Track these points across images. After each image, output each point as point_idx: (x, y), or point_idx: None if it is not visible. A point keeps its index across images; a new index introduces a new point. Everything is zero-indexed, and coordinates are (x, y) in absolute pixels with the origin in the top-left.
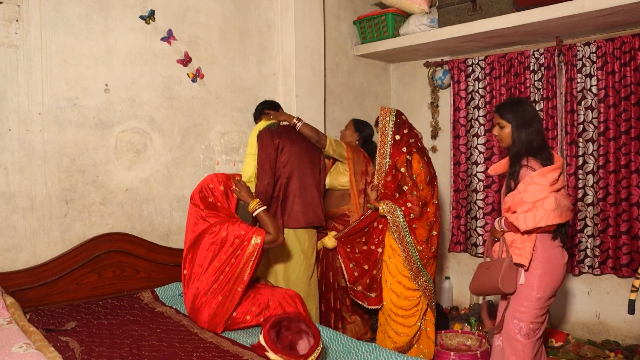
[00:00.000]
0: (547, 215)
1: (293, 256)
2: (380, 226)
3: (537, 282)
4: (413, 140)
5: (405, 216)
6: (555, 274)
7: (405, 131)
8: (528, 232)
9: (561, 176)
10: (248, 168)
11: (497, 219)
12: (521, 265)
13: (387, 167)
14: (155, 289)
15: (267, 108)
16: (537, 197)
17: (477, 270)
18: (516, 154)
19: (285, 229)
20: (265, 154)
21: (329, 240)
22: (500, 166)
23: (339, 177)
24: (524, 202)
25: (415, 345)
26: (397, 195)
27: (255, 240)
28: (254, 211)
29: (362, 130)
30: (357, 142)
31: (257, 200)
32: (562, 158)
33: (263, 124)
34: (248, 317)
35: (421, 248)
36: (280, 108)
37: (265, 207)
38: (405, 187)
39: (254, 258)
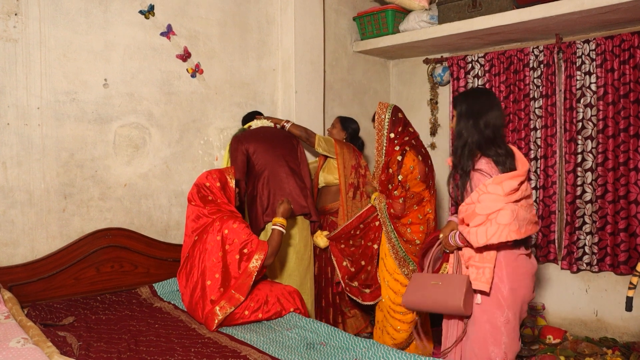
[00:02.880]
0: (501, 231)
1: (281, 250)
2: (377, 223)
3: (502, 302)
4: (407, 138)
5: (387, 208)
6: (523, 289)
7: (399, 129)
8: (482, 248)
9: (524, 185)
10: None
11: (452, 233)
12: (481, 292)
13: (383, 164)
14: (154, 285)
15: (255, 114)
16: (491, 209)
17: (421, 283)
18: (461, 148)
19: (270, 224)
20: (233, 159)
21: (321, 240)
22: None
23: (333, 173)
24: (476, 214)
25: (414, 342)
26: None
27: (259, 255)
28: (274, 224)
29: (348, 127)
30: (344, 139)
31: (283, 220)
32: (529, 163)
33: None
34: (246, 313)
35: (405, 239)
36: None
37: (283, 232)
38: (390, 186)
39: (256, 273)
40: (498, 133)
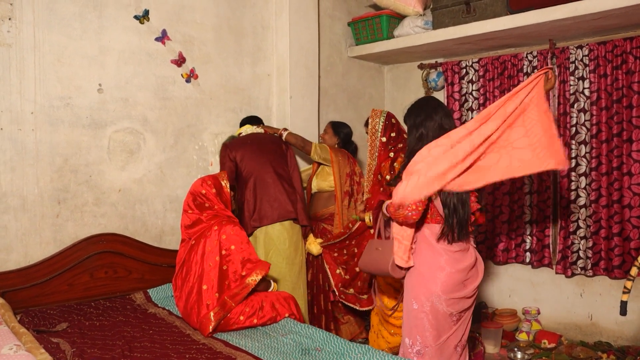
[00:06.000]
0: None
1: (271, 256)
2: (371, 230)
3: (412, 290)
4: (402, 145)
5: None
6: (436, 282)
7: (392, 134)
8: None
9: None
10: None
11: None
12: (400, 267)
13: (375, 168)
14: (148, 290)
15: (250, 122)
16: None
17: (367, 247)
18: (407, 158)
19: (258, 230)
20: (222, 167)
21: (314, 247)
22: None
23: (326, 180)
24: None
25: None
26: None
27: (259, 272)
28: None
29: (340, 132)
30: (337, 144)
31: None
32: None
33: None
34: (241, 318)
35: None
36: (262, 122)
37: (272, 284)
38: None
39: (253, 286)
40: (428, 141)
